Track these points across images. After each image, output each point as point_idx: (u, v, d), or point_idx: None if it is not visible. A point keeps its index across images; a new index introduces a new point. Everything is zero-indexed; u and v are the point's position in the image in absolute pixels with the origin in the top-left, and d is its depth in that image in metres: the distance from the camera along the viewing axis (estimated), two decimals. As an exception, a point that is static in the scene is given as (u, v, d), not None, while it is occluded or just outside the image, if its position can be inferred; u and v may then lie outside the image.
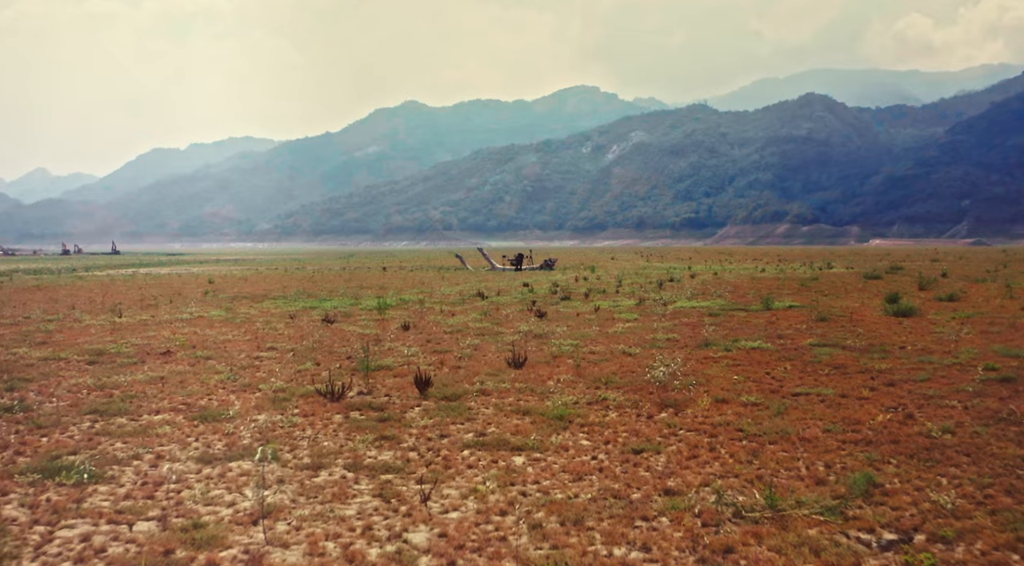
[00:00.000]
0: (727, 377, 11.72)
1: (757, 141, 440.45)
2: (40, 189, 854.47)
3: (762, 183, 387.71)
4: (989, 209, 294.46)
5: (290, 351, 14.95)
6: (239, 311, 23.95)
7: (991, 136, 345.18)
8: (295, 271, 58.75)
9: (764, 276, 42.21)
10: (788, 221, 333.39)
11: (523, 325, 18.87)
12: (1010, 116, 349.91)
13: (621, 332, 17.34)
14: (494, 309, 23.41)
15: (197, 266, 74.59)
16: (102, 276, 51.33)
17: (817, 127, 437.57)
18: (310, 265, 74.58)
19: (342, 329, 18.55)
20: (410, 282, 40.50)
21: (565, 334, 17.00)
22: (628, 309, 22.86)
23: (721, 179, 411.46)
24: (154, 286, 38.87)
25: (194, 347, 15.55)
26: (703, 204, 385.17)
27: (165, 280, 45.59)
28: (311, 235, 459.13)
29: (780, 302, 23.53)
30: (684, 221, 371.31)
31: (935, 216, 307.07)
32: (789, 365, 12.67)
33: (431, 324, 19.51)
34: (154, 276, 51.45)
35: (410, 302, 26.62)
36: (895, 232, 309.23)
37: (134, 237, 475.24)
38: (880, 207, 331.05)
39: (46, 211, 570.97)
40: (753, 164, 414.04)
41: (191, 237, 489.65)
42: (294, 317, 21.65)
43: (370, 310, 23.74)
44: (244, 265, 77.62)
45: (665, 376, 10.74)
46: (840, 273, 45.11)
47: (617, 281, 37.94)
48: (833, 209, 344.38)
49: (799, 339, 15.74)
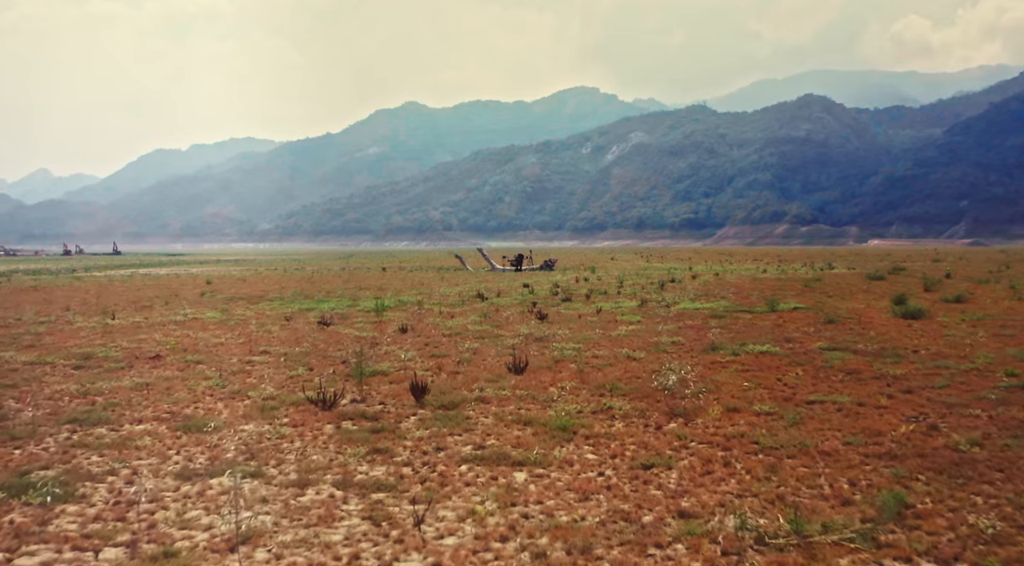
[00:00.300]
0: (737, 384, 11.18)
1: (756, 142, 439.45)
2: (42, 190, 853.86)
3: (761, 184, 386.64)
4: (987, 210, 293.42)
5: (283, 355, 14.41)
6: (234, 313, 23.40)
7: (989, 137, 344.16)
8: (294, 272, 58.22)
9: (766, 277, 41.67)
10: (787, 222, 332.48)
11: (524, 328, 18.34)
12: (1008, 117, 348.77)
13: (625, 335, 16.80)
14: (494, 311, 22.88)
15: (197, 267, 74.04)
16: (100, 277, 50.78)
17: (816, 128, 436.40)
18: (309, 265, 74.04)
19: (338, 332, 18.01)
20: (409, 283, 39.97)
21: (567, 337, 16.46)
22: (631, 311, 22.32)
23: (720, 180, 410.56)
24: (151, 287, 38.33)
25: (185, 350, 15.01)
26: (702, 204, 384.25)
27: (163, 281, 45.04)
28: (312, 235, 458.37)
29: (785, 304, 22.98)
30: (683, 222, 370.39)
31: (933, 217, 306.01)
32: (800, 370, 12.13)
33: (429, 327, 18.97)
34: (153, 277, 50.91)
35: (409, 303, 26.08)
36: (893, 233, 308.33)
37: (136, 238, 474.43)
38: (879, 208, 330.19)
39: (48, 212, 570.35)
40: (752, 165, 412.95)
41: (193, 238, 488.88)
42: (290, 319, 21.11)
43: (368, 312, 23.19)
44: (244, 265, 77.07)
45: (674, 384, 10.21)
46: (842, 274, 44.59)
47: (618, 282, 37.40)
48: (832, 210, 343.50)
49: (808, 342, 15.20)
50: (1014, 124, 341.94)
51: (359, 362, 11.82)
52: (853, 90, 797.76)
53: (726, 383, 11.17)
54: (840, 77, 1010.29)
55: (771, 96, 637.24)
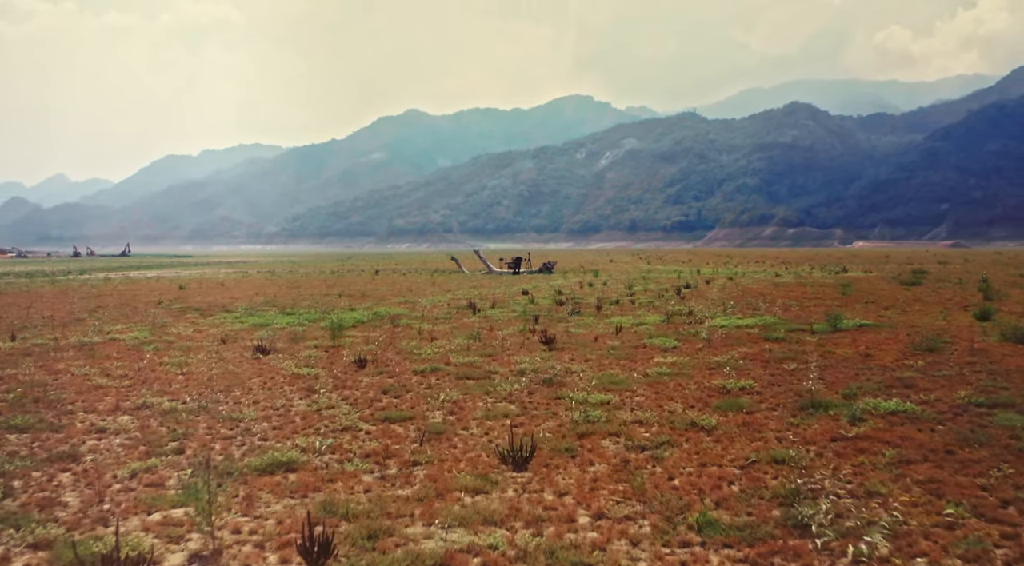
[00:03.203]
0: (909, 498, 5.87)
1: (744, 147, 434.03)
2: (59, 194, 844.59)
3: (749, 188, 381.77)
4: (967, 212, 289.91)
5: (163, 414, 9.08)
6: (170, 331, 18.09)
7: (968, 142, 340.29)
8: (284, 274, 52.91)
9: (785, 282, 36.38)
10: (775, 224, 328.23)
11: (525, 359, 13.04)
12: (986, 123, 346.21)
13: (667, 374, 11.47)
14: (487, 329, 17.57)
15: (192, 268, 68.75)
16: (81, 280, 45.61)
17: (801, 134, 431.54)
18: (304, 268, 68.70)
19: (274, 365, 12.69)
20: (398, 288, 34.63)
21: (586, 378, 11.13)
22: (656, 328, 17.03)
23: (710, 184, 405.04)
24: (113, 294, 32.97)
25: (29, 402, 9.66)
26: (693, 208, 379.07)
27: (137, 286, 39.73)
28: (317, 237, 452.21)
29: (848, 320, 17.58)
30: (675, 224, 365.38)
31: (915, 219, 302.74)
32: (1001, 463, 6.82)
33: (400, 356, 13.66)
34: (132, 280, 45.59)
35: (386, 317, 20.75)
36: (877, 235, 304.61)
37: (149, 240, 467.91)
38: (862, 210, 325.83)
39: (65, 215, 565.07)
40: (740, 169, 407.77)
41: (203, 240, 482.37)
42: (226, 341, 15.79)
43: (337, 327, 17.95)
44: (237, 267, 71.75)
45: (825, 521, 4.92)
46: (865, 278, 39.29)
47: (627, 288, 32.10)
48: (817, 212, 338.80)
49: (939, 390, 9.91)
50: (991, 130, 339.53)
51: (240, 453, 6.50)
52: (837, 98, 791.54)
53: (900, 503, 5.84)
54: (825, 86, 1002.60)
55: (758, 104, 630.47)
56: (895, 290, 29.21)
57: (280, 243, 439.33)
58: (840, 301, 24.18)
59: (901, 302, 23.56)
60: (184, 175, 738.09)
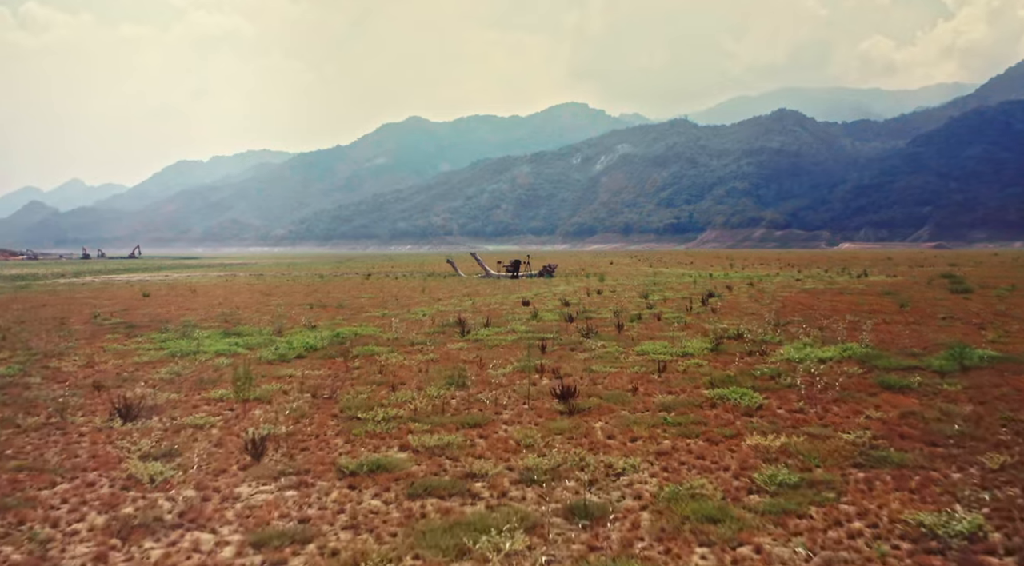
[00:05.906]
0: None
1: (734, 153, 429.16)
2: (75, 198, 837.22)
3: (739, 191, 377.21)
4: (949, 215, 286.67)
5: None
6: (48, 365, 12.79)
7: (949, 148, 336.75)
8: (271, 278, 47.59)
9: (816, 288, 31.06)
10: (763, 226, 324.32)
11: (530, 436, 7.72)
12: (966, 130, 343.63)
13: (791, 486, 6.12)
14: (476, 364, 12.27)
15: (187, 271, 63.52)
16: (59, 284, 40.58)
17: (789, 140, 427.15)
18: (298, 271, 63.41)
19: (112, 454, 7.35)
20: (383, 297, 29.29)
21: (646, 492, 5.81)
22: (710, 362, 11.73)
23: (701, 188, 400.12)
24: (58, 303, 27.62)
25: None
26: (684, 211, 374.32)
27: (99, 292, 34.43)
28: (323, 240, 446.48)
29: (972, 350, 12.18)
30: (667, 226, 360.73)
31: (899, 221, 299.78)
32: None
33: (336, 423, 8.33)
34: (103, 286, 40.32)
35: (348, 340, 15.41)
36: (862, 236, 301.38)
37: (161, 242, 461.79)
38: (848, 213, 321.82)
39: (80, 219, 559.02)
40: (730, 174, 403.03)
41: (215, 242, 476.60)
42: (100, 389, 10.46)
43: (271, 362, 12.71)
44: (232, 270, 66.42)
45: None
46: (901, 283, 33.93)
47: (642, 297, 26.78)
48: (804, 215, 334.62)
49: None
50: (971, 136, 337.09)
51: None
52: (823, 105, 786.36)
53: None
54: (811, 93, 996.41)
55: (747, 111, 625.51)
56: (955, 300, 23.93)
57: (288, 245, 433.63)
58: (910, 316, 18.88)
59: (984, 317, 18.28)
60: (195, 180, 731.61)
